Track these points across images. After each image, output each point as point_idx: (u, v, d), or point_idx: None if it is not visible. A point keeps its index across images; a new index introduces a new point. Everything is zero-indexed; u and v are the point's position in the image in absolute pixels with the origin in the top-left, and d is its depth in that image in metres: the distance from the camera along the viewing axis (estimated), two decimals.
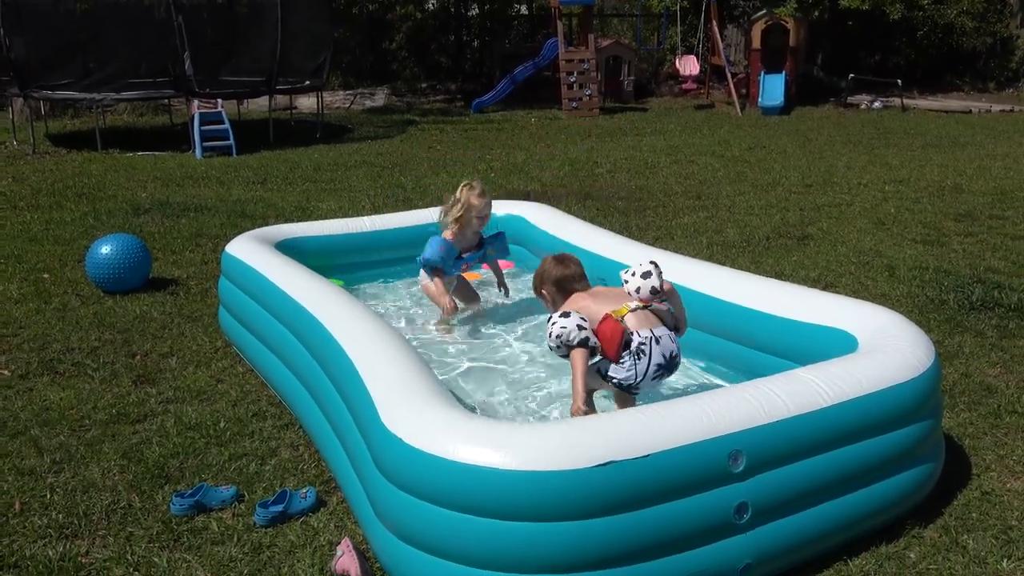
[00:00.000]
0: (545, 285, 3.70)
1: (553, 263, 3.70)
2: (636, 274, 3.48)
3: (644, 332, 3.38)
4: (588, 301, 3.52)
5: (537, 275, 3.75)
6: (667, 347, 3.41)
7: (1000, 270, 6.12)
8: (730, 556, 2.61)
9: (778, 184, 9.54)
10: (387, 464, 2.66)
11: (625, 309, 3.42)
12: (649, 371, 3.36)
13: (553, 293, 3.67)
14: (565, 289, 3.63)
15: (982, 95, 19.38)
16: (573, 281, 3.64)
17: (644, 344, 3.36)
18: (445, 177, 10.15)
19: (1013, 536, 2.99)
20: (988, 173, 10.02)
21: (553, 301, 3.68)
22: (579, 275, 3.67)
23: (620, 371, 3.39)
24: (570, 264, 3.70)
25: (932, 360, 3.17)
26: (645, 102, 19.21)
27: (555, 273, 3.66)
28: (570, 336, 3.31)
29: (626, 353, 3.37)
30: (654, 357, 3.36)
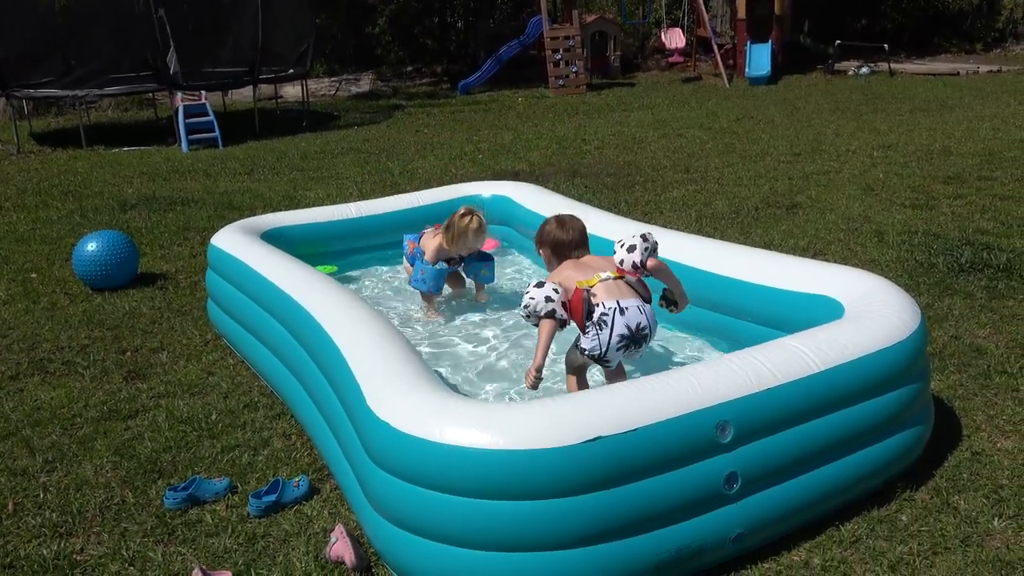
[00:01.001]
0: (543, 246, 3.75)
1: (555, 226, 3.71)
2: (624, 245, 3.50)
3: (609, 303, 3.37)
4: (571, 271, 3.53)
5: (539, 233, 3.78)
6: (633, 318, 3.37)
7: (989, 231, 6.12)
8: (721, 527, 2.62)
9: (766, 154, 9.52)
10: (376, 449, 2.66)
11: (596, 279, 3.44)
12: (612, 342, 3.35)
13: (549, 255, 3.72)
14: (560, 254, 3.66)
15: (969, 56, 19.32)
16: (569, 248, 3.65)
17: (606, 315, 3.35)
18: (433, 160, 10.12)
19: (1004, 495, 3.00)
20: (976, 134, 10.00)
21: (548, 261, 3.74)
22: (576, 242, 3.66)
23: (585, 342, 3.42)
24: (570, 230, 3.68)
25: (918, 323, 3.17)
26: (632, 77, 19.13)
27: (553, 236, 3.68)
28: (537, 307, 3.36)
29: (590, 323, 3.39)
30: (616, 327, 3.33)
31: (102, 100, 15.31)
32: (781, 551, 2.76)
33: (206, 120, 12.09)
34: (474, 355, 4.26)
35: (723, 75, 17.19)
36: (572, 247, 3.65)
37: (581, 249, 3.66)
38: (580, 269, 3.54)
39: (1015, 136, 9.76)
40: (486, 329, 4.58)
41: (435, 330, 4.60)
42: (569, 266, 3.58)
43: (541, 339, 3.38)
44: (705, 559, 2.63)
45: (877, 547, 2.76)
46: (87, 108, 14.32)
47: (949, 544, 2.76)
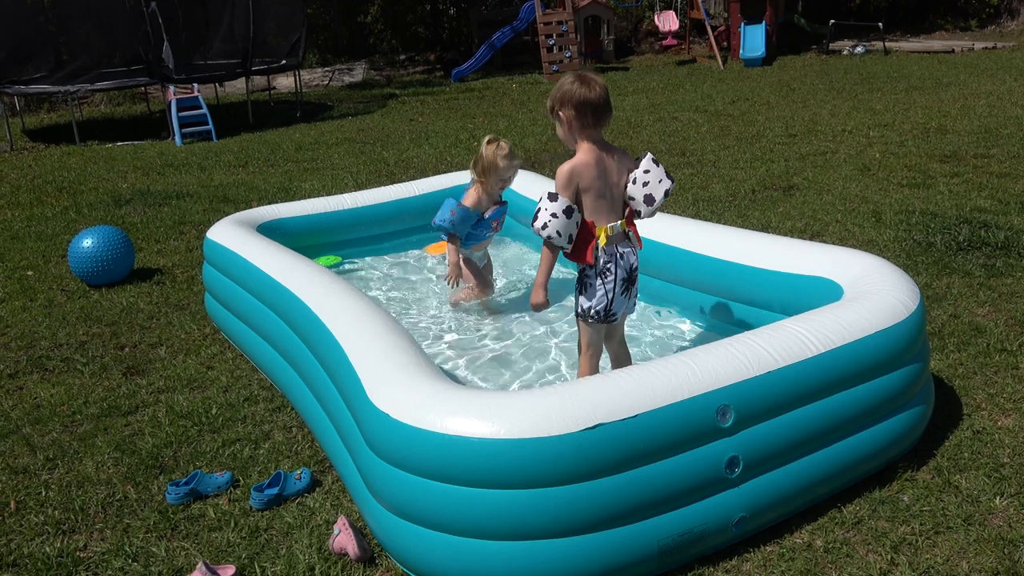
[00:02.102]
0: (564, 107, 3.17)
1: (578, 83, 3.14)
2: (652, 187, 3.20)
3: (610, 250, 3.25)
4: (594, 175, 3.16)
5: (555, 94, 3.20)
6: (628, 261, 3.30)
7: (986, 209, 6.11)
8: (724, 511, 2.62)
9: (762, 136, 9.49)
10: (376, 440, 2.66)
11: (607, 231, 3.22)
12: (616, 290, 3.27)
13: (571, 118, 3.17)
14: (586, 117, 3.14)
15: (964, 34, 19.25)
16: (599, 110, 3.15)
17: (609, 263, 3.25)
18: (428, 149, 10.08)
19: (1005, 473, 3.00)
20: (972, 112, 9.97)
21: (569, 126, 3.20)
22: (606, 102, 3.17)
23: (589, 299, 3.28)
24: (595, 86, 3.15)
25: (917, 303, 3.16)
26: (626, 61, 19.06)
27: (579, 95, 3.13)
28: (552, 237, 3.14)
29: (592, 271, 3.26)
30: (619, 274, 3.26)
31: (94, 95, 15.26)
32: (783, 533, 2.76)
33: (199, 113, 12.05)
34: (474, 344, 4.26)
35: (717, 57, 17.13)
36: (601, 109, 3.15)
37: (608, 114, 3.19)
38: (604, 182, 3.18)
39: (1011, 113, 9.73)
40: (486, 318, 4.57)
41: (435, 319, 4.59)
42: (592, 160, 3.16)
43: (544, 260, 3.25)
44: (708, 543, 2.63)
45: (879, 528, 2.76)
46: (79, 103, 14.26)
47: (951, 523, 2.76)
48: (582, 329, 3.42)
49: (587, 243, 3.24)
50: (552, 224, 3.14)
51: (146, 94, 15.60)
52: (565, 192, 3.16)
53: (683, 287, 4.24)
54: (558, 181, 3.18)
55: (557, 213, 3.14)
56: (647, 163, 3.26)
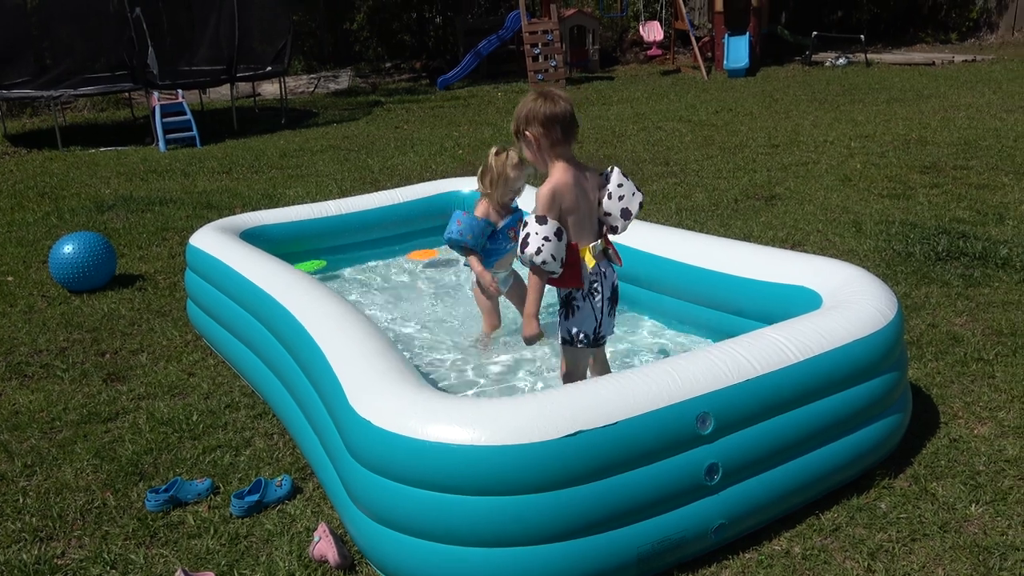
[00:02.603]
0: (531, 126, 3.07)
1: (542, 100, 3.06)
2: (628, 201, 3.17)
3: (594, 268, 3.19)
4: (575, 195, 3.08)
5: (519, 114, 3.11)
6: (610, 279, 3.27)
7: (965, 220, 6.18)
8: (703, 518, 2.64)
9: (745, 146, 9.56)
10: (358, 447, 2.66)
11: (591, 250, 3.18)
12: (604, 309, 3.24)
13: (539, 135, 3.07)
14: (555, 135, 3.06)
15: (944, 47, 19.45)
16: (568, 126, 3.07)
17: (595, 282, 3.21)
18: (413, 157, 10.09)
19: (981, 481, 3.04)
20: (952, 124, 10.08)
21: (537, 145, 3.10)
22: (572, 117, 3.08)
23: (577, 322, 3.22)
24: (560, 101, 3.05)
25: (895, 313, 3.20)
26: (611, 70, 19.15)
27: (544, 111, 3.03)
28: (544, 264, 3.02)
29: (579, 294, 3.20)
30: (605, 292, 3.23)
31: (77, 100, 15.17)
32: (762, 540, 2.78)
33: (183, 119, 12.00)
34: (458, 351, 4.26)
35: (701, 68, 17.24)
36: (570, 124, 3.06)
37: (576, 129, 3.12)
38: (581, 205, 3.11)
39: (990, 125, 9.85)
40: (475, 324, 4.57)
41: (417, 326, 4.59)
42: (569, 179, 3.07)
43: (535, 288, 3.13)
44: (687, 550, 2.64)
45: (857, 535, 2.79)
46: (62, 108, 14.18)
47: (927, 530, 2.79)
48: (568, 355, 3.33)
49: (573, 266, 3.15)
50: (546, 248, 3.01)
51: (130, 99, 15.52)
52: (549, 214, 3.06)
53: (665, 295, 4.26)
54: (540, 203, 3.06)
55: (549, 236, 3.01)
56: (618, 177, 3.21)
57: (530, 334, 3.23)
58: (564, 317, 3.26)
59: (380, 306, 4.94)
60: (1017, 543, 2.71)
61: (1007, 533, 2.76)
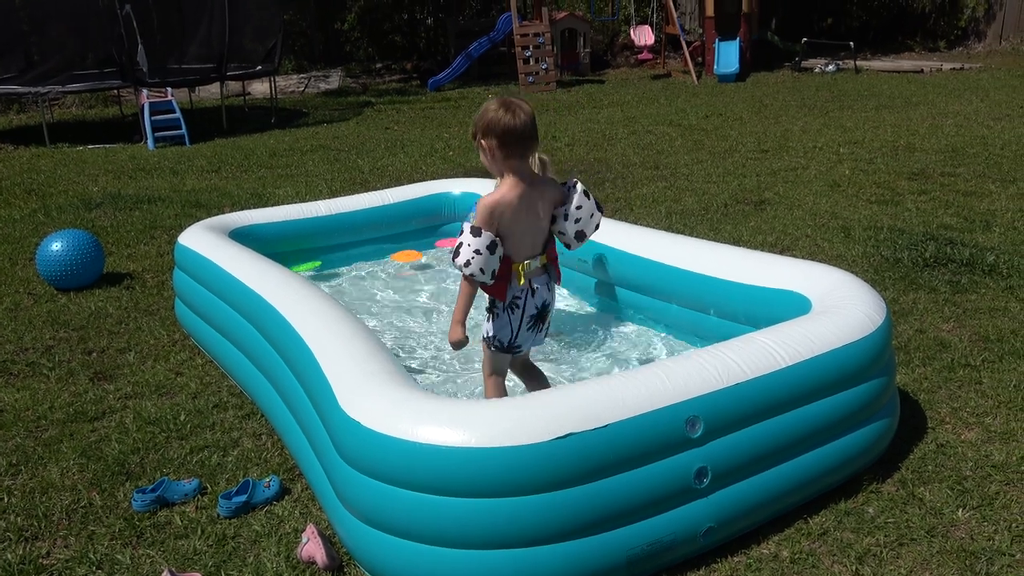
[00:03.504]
0: (487, 136, 3.05)
1: (502, 110, 3.01)
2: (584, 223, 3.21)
3: (523, 283, 3.20)
4: (518, 213, 3.07)
5: (478, 121, 3.07)
6: (540, 296, 3.25)
7: (952, 226, 6.22)
8: (692, 521, 2.64)
9: (735, 151, 9.59)
10: (347, 448, 2.65)
11: (525, 267, 3.17)
12: (523, 323, 3.23)
13: (494, 147, 3.05)
14: (510, 147, 3.03)
15: (933, 54, 19.58)
16: (524, 140, 3.03)
17: (519, 296, 3.21)
18: (403, 157, 10.08)
19: (968, 486, 3.06)
20: (940, 131, 10.15)
21: (491, 155, 3.08)
22: (531, 131, 3.03)
23: (494, 327, 3.24)
24: (520, 113, 3.01)
25: (884, 318, 3.21)
26: (602, 74, 19.18)
27: (503, 124, 2.99)
28: (474, 274, 3.06)
29: (500, 304, 3.21)
30: (527, 309, 3.22)
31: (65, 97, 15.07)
32: (751, 544, 2.79)
33: (172, 117, 11.94)
34: (447, 352, 4.25)
35: (692, 72, 17.29)
36: (526, 138, 3.02)
37: (533, 143, 3.07)
38: (529, 215, 3.11)
39: (977, 133, 9.92)
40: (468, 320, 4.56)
41: (406, 327, 4.59)
42: (516, 197, 3.06)
43: (462, 293, 3.14)
44: (676, 553, 2.65)
45: (844, 539, 2.80)
46: (50, 105, 14.08)
47: (915, 535, 2.80)
48: (486, 355, 3.36)
49: (503, 279, 3.15)
50: (475, 261, 3.03)
51: (118, 97, 15.43)
52: (488, 227, 3.05)
53: (655, 298, 4.27)
54: (480, 215, 3.05)
55: (481, 250, 3.02)
56: (579, 198, 3.20)
57: (453, 339, 3.22)
58: (487, 319, 3.31)
59: (367, 307, 4.92)
60: (1003, 548, 2.72)
61: (993, 538, 2.78)
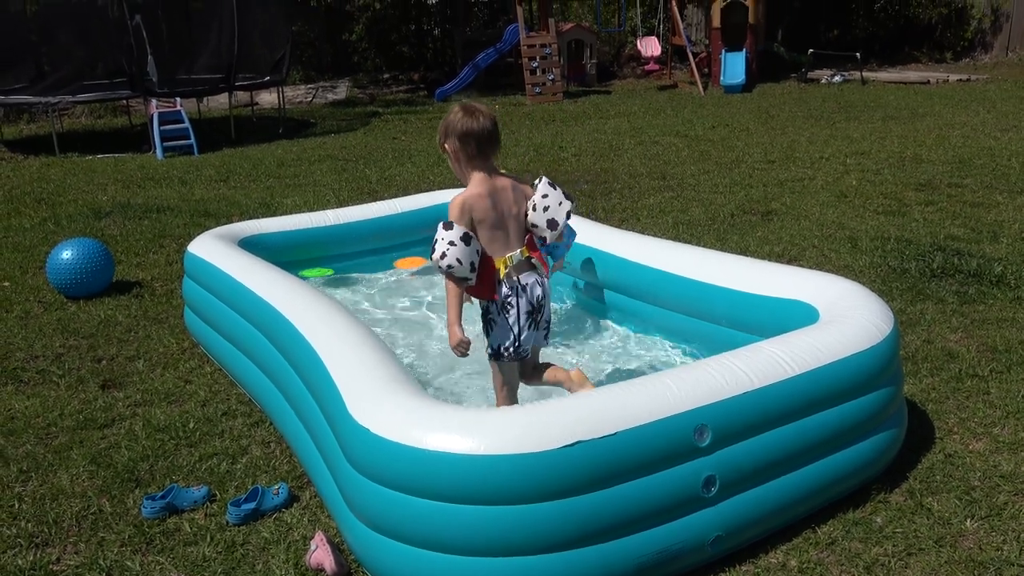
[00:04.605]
0: (449, 139, 3.17)
1: (463, 114, 3.14)
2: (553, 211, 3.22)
3: (511, 282, 3.21)
4: (487, 206, 3.14)
5: (442, 126, 3.20)
6: (532, 292, 3.26)
7: (960, 237, 6.22)
8: (700, 530, 2.64)
9: (741, 161, 9.61)
10: (356, 455, 2.66)
11: (506, 261, 3.20)
12: (521, 323, 3.24)
13: (456, 150, 3.17)
14: (470, 149, 3.14)
15: (939, 66, 19.61)
16: (484, 142, 3.13)
17: (510, 296, 3.22)
18: (410, 167, 10.11)
19: (976, 496, 3.05)
20: (947, 142, 10.15)
21: (456, 159, 3.20)
22: (490, 134, 3.14)
23: (496, 338, 3.25)
24: (481, 117, 3.12)
25: (891, 328, 3.22)
26: (608, 85, 19.23)
27: (463, 127, 3.11)
28: (455, 271, 3.09)
29: (494, 307, 3.22)
30: (521, 307, 3.23)
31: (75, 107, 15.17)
32: (759, 553, 2.79)
33: (181, 127, 12.01)
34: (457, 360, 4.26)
35: (698, 83, 17.33)
36: (485, 140, 3.13)
37: (494, 145, 3.17)
38: (497, 209, 3.16)
39: (984, 144, 9.92)
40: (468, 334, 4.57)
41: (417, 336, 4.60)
42: (484, 192, 3.14)
43: (451, 295, 3.16)
44: (683, 562, 2.65)
45: (852, 548, 2.80)
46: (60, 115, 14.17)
47: (923, 545, 2.80)
48: (494, 370, 3.37)
49: (490, 278, 3.18)
50: (451, 252, 3.06)
51: (128, 107, 15.52)
52: (460, 223, 3.11)
53: (663, 308, 4.27)
54: (451, 212, 3.13)
55: (455, 241, 3.07)
56: (544, 187, 3.25)
57: (453, 342, 3.22)
58: (486, 333, 3.32)
59: (375, 314, 4.94)
60: (1012, 558, 2.72)
61: (1002, 548, 2.77)
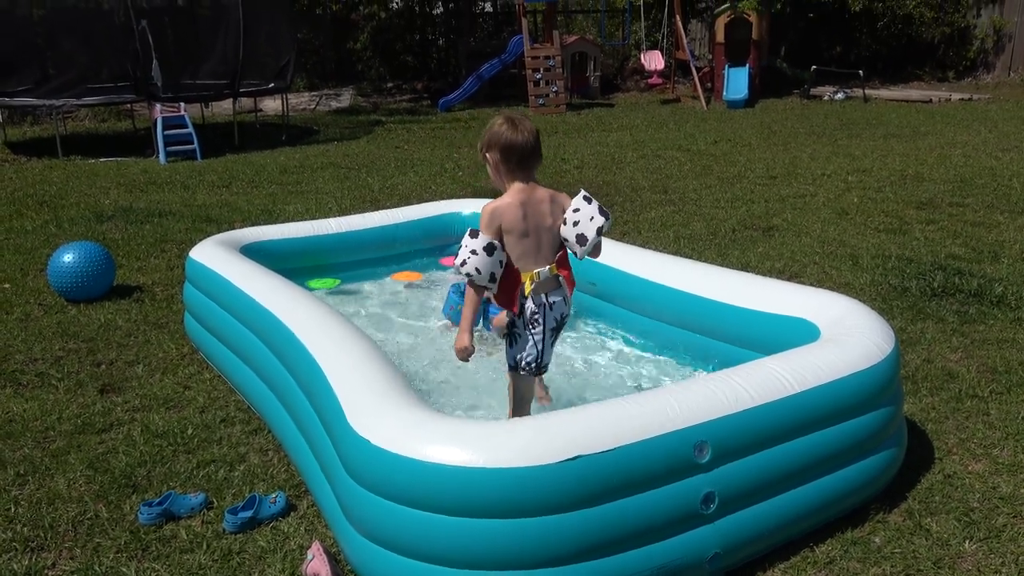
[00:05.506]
0: (491, 149, 3.19)
1: (506, 125, 3.15)
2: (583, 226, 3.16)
3: (539, 299, 3.20)
4: (518, 216, 3.13)
5: (485, 135, 3.22)
6: (558, 310, 3.26)
7: (960, 256, 6.23)
8: (698, 546, 2.64)
9: (743, 177, 9.62)
10: (355, 466, 2.66)
11: (533, 276, 3.19)
12: (546, 340, 3.24)
13: (497, 161, 3.19)
14: (511, 162, 3.16)
15: (942, 84, 19.66)
16: (525, 156, 3.15)
17: (537, 313, 3.21)
18: (413, 177, 10.13)
19: (975, 518, 3.05)
20: (948, 161, 10.17)
21: (496, 169, 3.22)
22: (532, 148, 3.16)
23: (520, 351, 3.24)
24: (523, 131, 3.14)
25: (892, 347, 3.22)
26: (611, 98, 19.29)
27: (505, 138, 3.14)
28: (476, 278, 3.09)
29: (520, 322, 3.22)
30: (548, 324, 3.23)
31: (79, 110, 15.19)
32: (756, 572, 2.78)
33: (185, 132, 12.03)
34: (457, 372, 4.26)
35: (701, 98, 17.38)
36: (527, 155, 3.15)
37: (535, 159, 3.19)
38: (528, 223, 3.15)
39: (986, 164, 9.94)
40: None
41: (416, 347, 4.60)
42: (516, 202, 3.15)
43: (468, 302, 3.17)
44: None
45: (851, 569, 2.79)
46: (64, 118, 14.19)
47: (921, 566, 2.79)
48: (514, 382, 3.36)
49: (514, 289, 3.18)
50: (471, 261, 3.07)
51: (131, 111, 15.55)
52: (487, 231, 3.11)
53: (664, 323, 4.28)
54: (481, 220, 3.14)
55: (477, 250, 3.08)
56: (577, 201, 3.22)
57: (459, 346, 3.24)
58: (508, 345, 3.32)
59: (375, 324, 4.93)
60: None
61: (1000, 571, 2.77)
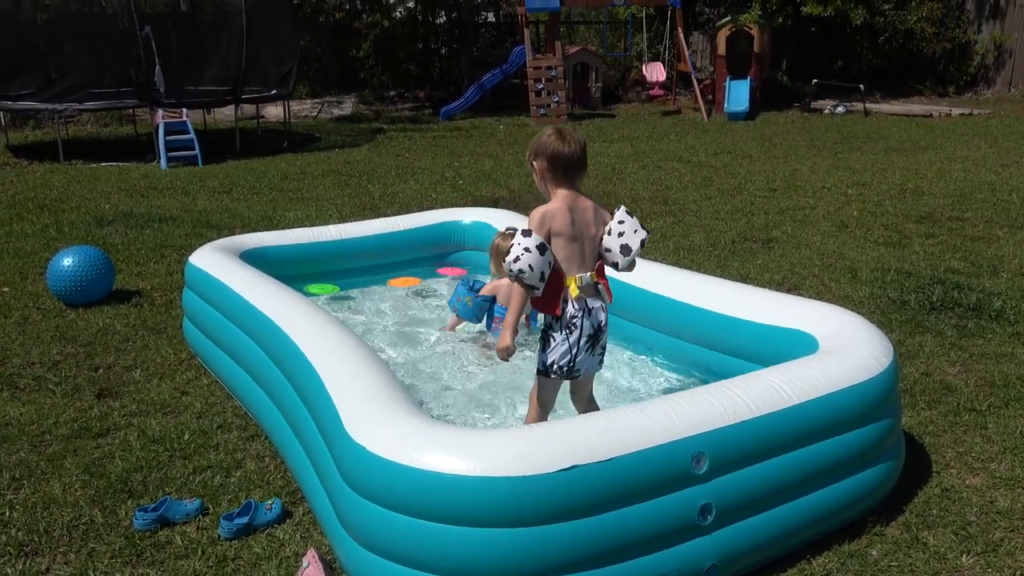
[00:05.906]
0: (539, 158, 3.28)
1: (555, 136, 3.25)
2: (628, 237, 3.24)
3: (579, 303, 3.21)
4: (567, 221, 3.19)
5: (534, 144, 3.30)
6: (596, 318, 3.26)
7: (960, 270, 6.23)
8: (695, 557, 2.63)
9: (743, 189, 9.64)
10: (352, 474, 2.65)
11: (577, 281, 3.21)
12: (581, 344, 3.23)
13: (544, 169, 3.27)
14: (558, 171, 3.24)
15: (942, 99, 19.71)
16: (571, 166, 3.24)
17: (576, 317, 3.21)
18: (413, 185, 10.14)
19: (972, 531, 3.04)
20: (948, 176, 10.19)
21: (542, 177, 3.30)
22: (578, 159, 3.25)
23: (553, 352, 3.24)
24: (571, 143, 3.23)
25: (891, 360, 3.22)
26: (612, 108, 19.33)
27: (553, 148, 3.22)
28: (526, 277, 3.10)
29: (558, 325, 3.22)
30: (585, 330, 3.23)
31: (81, 114, 15.22)
32: None
33: (186, 138, 12.05)
34: (456, 381, 4.26)
35: (702, 110, 17.42)
36: (574, 165, 3.24)
37: (580, 169, 3.28)
38: (575, 229, 3.20)
39: (985, 179, 9.96)
40: (468, 353, 4.57)
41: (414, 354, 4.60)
42: (566, 207, 3.20)
43: (515, 300, 3.17)
44: None
45: None
46: (66, 122, 14.22)
47: None
48: (540, 385, 3.35)
49: (556, 293, 3.20)
50: (524, 258, 3.09)
51: (133, 116, 15.58)
52: (536, 231, 3.15)
53: (662, 333, 4.28)
54: (531, 222, 3.18)
55: (531, 248, 3.11)
56: (621, 214, 3.28)
57: (502, 345, 3.24)
58: (541, 349, 3.31)
59: (372, 332, 4.93)
60: None
61: None
